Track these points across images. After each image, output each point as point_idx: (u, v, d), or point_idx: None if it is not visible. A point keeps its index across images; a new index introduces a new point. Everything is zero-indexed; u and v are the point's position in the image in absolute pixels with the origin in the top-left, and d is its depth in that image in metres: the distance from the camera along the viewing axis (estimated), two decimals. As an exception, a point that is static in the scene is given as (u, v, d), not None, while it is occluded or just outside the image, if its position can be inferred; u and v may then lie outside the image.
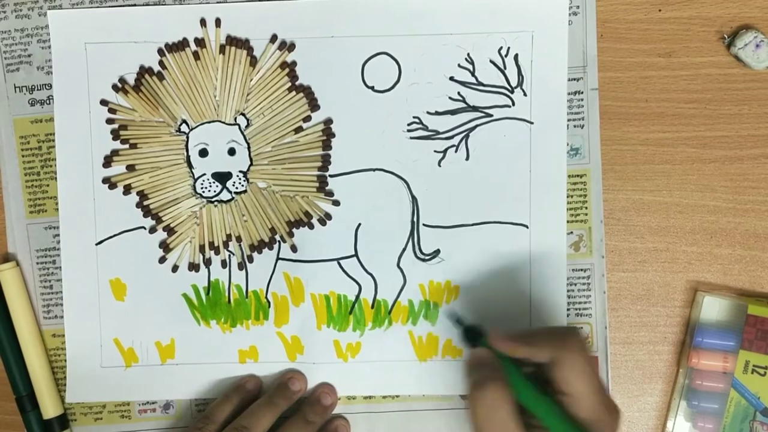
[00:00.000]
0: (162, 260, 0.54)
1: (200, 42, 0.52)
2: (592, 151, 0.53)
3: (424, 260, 0.53)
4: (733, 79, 0.54)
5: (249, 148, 0.53)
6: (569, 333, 0.45)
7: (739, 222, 0.54)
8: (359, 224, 0.53)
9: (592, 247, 0.53)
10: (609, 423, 0.43)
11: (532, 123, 0.52)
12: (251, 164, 0.53)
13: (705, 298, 0.53)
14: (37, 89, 0.54)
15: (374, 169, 0.53)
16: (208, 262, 0.54)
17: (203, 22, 0.52)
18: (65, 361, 0.54)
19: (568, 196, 0.53)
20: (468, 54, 0.52)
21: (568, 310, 0.53)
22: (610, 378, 0.54)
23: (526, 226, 0.53)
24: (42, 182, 0.54)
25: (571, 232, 0.53)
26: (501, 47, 0.52)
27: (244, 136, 0.53)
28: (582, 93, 0.53)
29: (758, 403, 0.52)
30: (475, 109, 0.52)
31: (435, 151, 0.53)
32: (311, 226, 0.53)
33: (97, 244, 0.54)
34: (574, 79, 0.53)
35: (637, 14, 0.53)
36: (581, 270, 0.54)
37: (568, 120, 0.53)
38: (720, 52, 0.53)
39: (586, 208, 0.53)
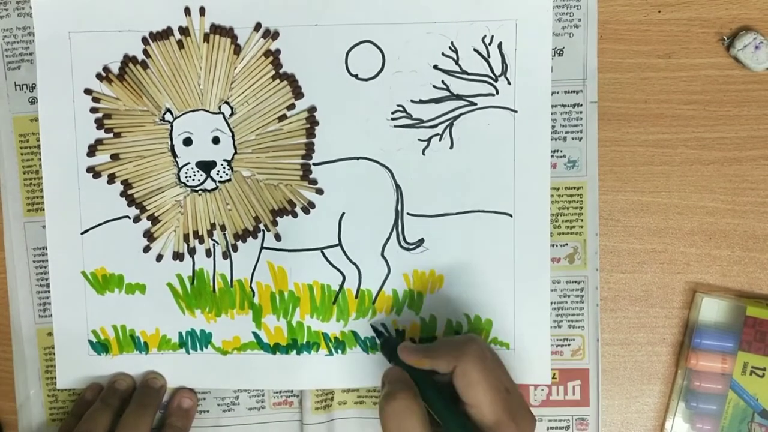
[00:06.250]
0: (146, 249, 0.54)
1: (184, 30, 0.52)
2: (589, 164, 0.53)
3: (408, 249, 0.53)
4: (732, 80, 0.53)
5: (233, 136, 0.53)
6: (466, 343, 0.46)
7: (737, 223, 0.54)
8: (343, 213, 0.53)
9: (587, 259, 0.53)
10: (513, 428, 0.44)
11: (516, 111, 0.52)
12: (235, 153, 0.53)
13: (704, 300, 0.53)
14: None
15: (358, 158, 0.53)
16: (192, 252, 0.54)
17: (187, 11, 0.52)
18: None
19: (564, 209, 0.53)
20: (452, 42, 0.52)
21: (560, 321, 0.54)
22: (601, 388, 0.54)
23: (510, 215, 0.53)
24: (40, 181, 0.54)
25: (566, 244, 0.53)
26: (485, 36, 0.52)
27: (229, 125, 0.53)
28: (581, 106, 0.53)
29: (756, 405, 0.52)
30: (459, 97, 0.52)
31: (419, 140, 0.53)
32: (295, 215, 0.53)
33: (82, 234, 0.54)
34: (574, 92, 0.53)
35: (637, 15, 0.53)
36: (575, 282, 0.54)
37: (567, 132, 0.53)
38: (719, 53, 0.53)
39: (582, 220, 0.53)
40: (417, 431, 0.43)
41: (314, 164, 0.53)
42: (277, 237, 0.53)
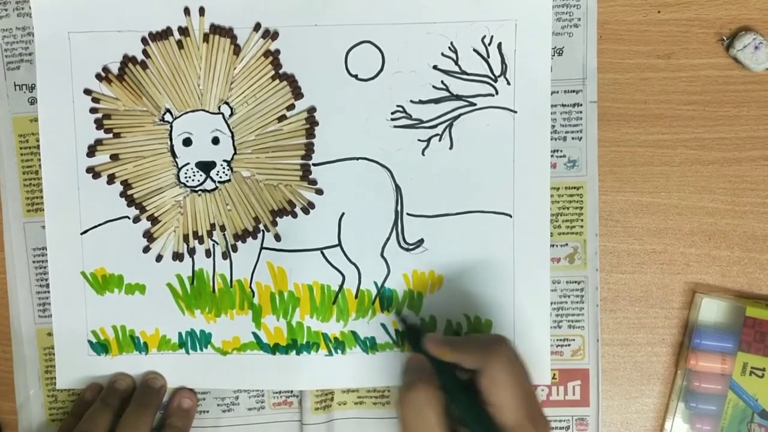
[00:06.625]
0: (146, 250, 0.53)
1: (184, 31, 0.52)
2: (589, 164, 0.53)
3: (408, 250, 0.53)
4: (732, 80, 0.53)
5: (233, 136, 0.53)
6: (496, 342, 0.46)
7: (737, 224, 0.54)
8: (343, 213, 0.53)
9: (587, 259, 0.53)
10: None
11: (515, 112, 0.52)
12: (235, 153, 0.53)
13: (703, 300, 0.53)
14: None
15: (358, 158, 0.53)
16: (192, 252, 0.54)
17: (187, 11, 0.52)
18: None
19: (564, 208, 0.53)
20: (451, 43, 0.52)
21: (560, 321, 0.54)
22: (601, 388, 0.54)
23: (510, 216, 0.53)
24: (40, 181, 0.54)
25: (566, 244, 0.53)
26: (484, 36, 0.52)
27: (228, 125, 0.53)
28: (581, 105, 0.53)
29: (756, 405, 0.52)
30: (458, 98, 0.52)
31: (419, 140, 0.53)
32: (294, 215, 0.53)
33: (82, 234, 0.54)
34: (573, 92, 0.53)
35: (636, 16, 0.53)
36: (575, 282, 0.54)
37: (567, 132, 0.53)
38: (719, 53, 0.53)
39: (582, 220, 0.53)
40: (433, 423, 0.43)
41: (314, 164, 0.53)
42: (277, 237, 0.53)
